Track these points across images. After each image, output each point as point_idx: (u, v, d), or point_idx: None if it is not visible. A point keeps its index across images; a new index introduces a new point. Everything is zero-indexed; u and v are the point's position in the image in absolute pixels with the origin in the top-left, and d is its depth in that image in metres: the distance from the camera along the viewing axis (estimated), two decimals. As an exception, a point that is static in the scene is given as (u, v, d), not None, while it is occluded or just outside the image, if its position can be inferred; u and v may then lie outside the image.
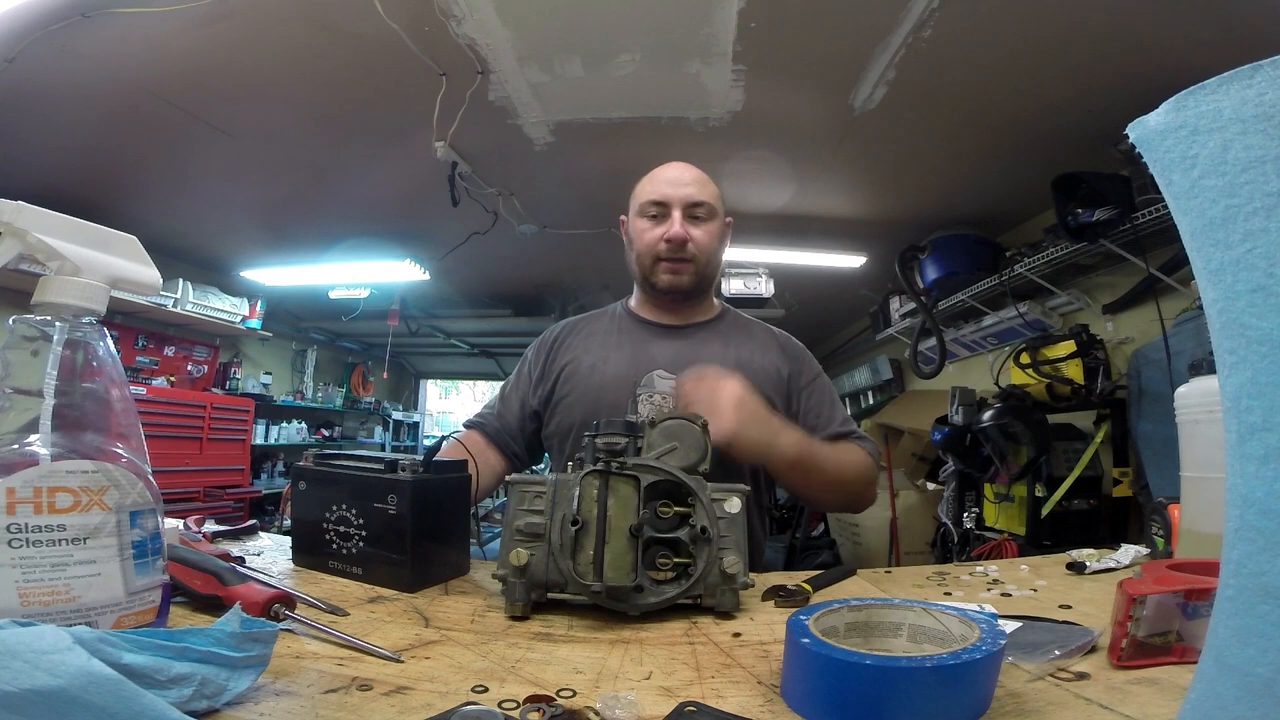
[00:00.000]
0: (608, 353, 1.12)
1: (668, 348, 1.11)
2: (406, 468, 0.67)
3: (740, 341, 1.15)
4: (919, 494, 3.39)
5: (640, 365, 1.08)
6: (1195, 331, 1.93)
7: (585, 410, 1.06)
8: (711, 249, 1.11)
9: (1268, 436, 0.25)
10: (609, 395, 1.05)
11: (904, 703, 0.36)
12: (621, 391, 1.04)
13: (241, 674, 0.38)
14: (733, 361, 1.09)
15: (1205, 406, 0.75)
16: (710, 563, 0.59)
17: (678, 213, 1.07)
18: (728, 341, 1.14)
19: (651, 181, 1.12)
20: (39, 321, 0.42)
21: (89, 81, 2.04)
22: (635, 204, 1.13)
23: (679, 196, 1.08)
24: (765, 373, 1.10)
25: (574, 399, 1.09)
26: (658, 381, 1.06)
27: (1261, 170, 0.25)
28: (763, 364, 1.11)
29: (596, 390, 1.07)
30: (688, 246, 1.08)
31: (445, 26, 1.79)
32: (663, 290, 1.11)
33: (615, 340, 1.14)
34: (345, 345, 6.12)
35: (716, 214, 1.11)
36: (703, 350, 1.11)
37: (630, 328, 1.17)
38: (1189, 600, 0.45)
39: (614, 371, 1.08)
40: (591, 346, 1.14)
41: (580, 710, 0.39)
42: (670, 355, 1.09)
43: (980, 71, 1.93)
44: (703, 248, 1.09)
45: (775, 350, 1.15)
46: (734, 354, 1.11)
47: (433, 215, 2.96)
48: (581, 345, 1.15)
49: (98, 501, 0.41)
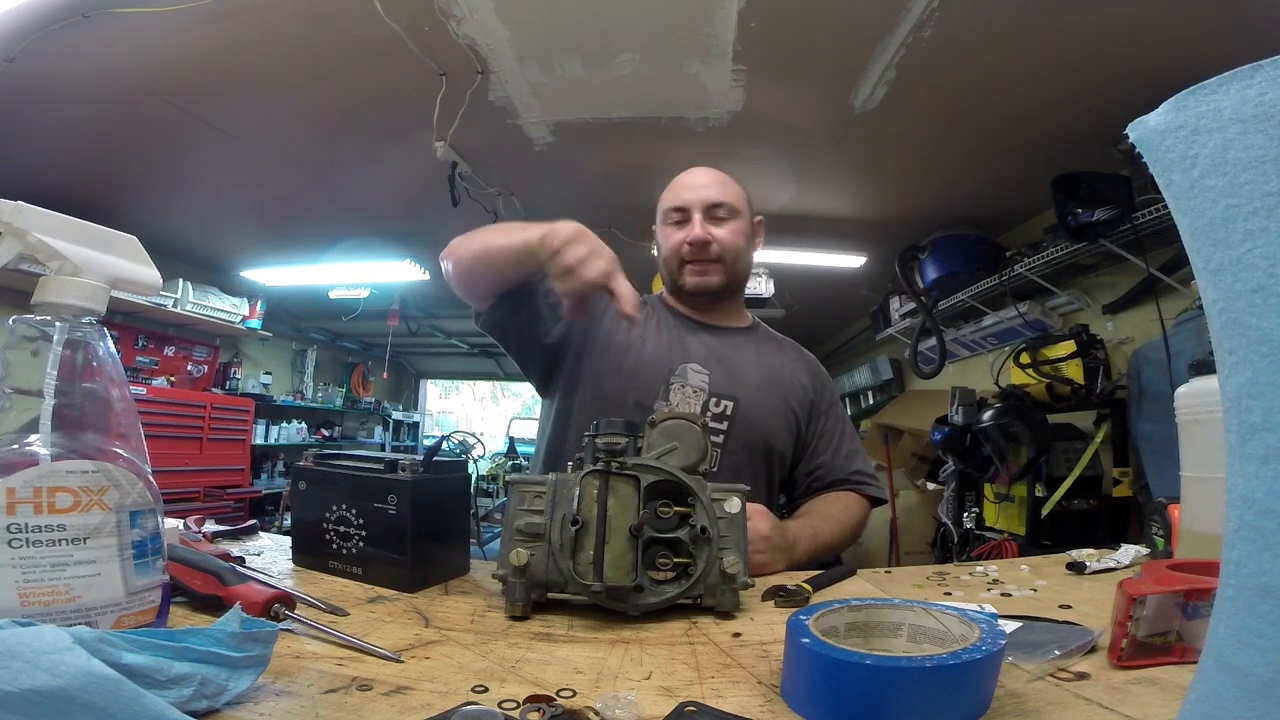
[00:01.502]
0: (646, 333, 1.11)
1: (702, 343, 1.11)
2: (406, 468, 0.67)
3: (772, 353, 1.16)
4: (919, 494, 3.40)
5: (676, 354, 1.08)
6: (1195, 331, 1.93)
7: (616, 385, 1.05)
8: (738, 247, 1.11)
9: (1268, 436, 0.25)
10: (642, 376, 1.05)
11: (904, 703, 0.36)
12: (655, 376, 1.05)
13: (241, 674, 0.38)
14: (765, 369, 1.11)
15: (1205, 406, 0.75)
16: (710, 563, 0.59)
17: (698, 215, 1.09)
18: (760, 349, 1.15)
19: (672, 189, 1.14)
20: (39, 321, 0.42)
21: (89, 81, 2.04)
22: (660, 212, 1.15)
23: (698, 199, 1.10)
24: (794, 387, 1.12)
25: (607, 370, 1.07)
26: (691, 375, 1.06)
27: (1261, 170, 0.25)
28: (792, 379, 1.13)
29: (631, 367, 1.06)
30: (711, 247, 1.09)
31: (445, 26, 1.79)
32: (690, 292, 1.13)
33: (655, 324, 1.14)
34: (345, 345, 6.13)
35: (740, 213, 1.12)
36: (736, 352, 1.11)
37: (666, 316, 1.17)
38: (1189, 600, 0.45)
39: (650, 354, 1.08)
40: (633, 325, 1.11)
41: (580, 710, 0.39)
42: (705, 350, 1.09)
43: (980, 71, 1.93)
44: (727, 246, 1.10)
45: (803, 369, 1.17)
46: (766, 362, 1.13)
47: (433, 215, 2.95)
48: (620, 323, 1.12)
49: (98, 501, 0.41)
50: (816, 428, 1.13)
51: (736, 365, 1.10)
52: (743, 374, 1.09)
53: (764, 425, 1.06)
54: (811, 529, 0.95)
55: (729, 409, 1.04)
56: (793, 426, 1.10)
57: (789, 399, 1.11)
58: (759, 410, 1.06)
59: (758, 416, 1.05)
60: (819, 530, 0.96)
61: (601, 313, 1.13)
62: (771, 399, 1.09)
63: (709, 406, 1.04)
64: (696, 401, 1.04)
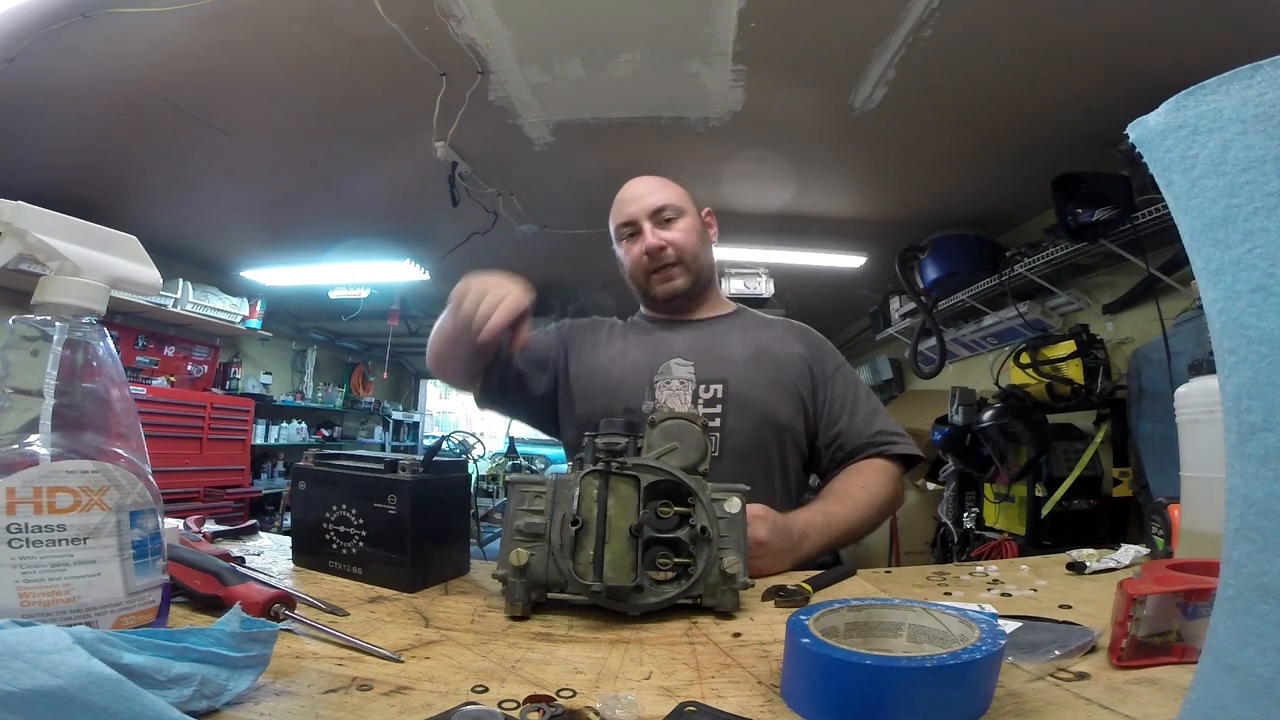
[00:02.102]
0: (626, 346, 1.13)
1: (685, 337, 1.12)
2: (406, 468, 0.67)
3: (759, 331, 1.15)
4: (919, 494, 3.39)
5: (659, 354, 1.08)
6: (1195, 331, 1.93)
7: (604, 400, 1.06)
8: (692, 245, 1.12)
9: (1268, 436, 0.25)
10: (627, 384, 1.06)
11: (904, 703, 0.36)
12: (640, 379, 1.05)
13: (241, 674, 0.38)
14: (751, 347, 1.09)
15: (1205, 406, 0.75)
16: (710, 563, 0.59)
17: (647, 224, 1.11)
18: (746, 330, 1.14)
19: (617, 206, 1.16)
20: (39, 321, 0.42)
21: (89, 81, 2.04)
22: (613, 233, 1.18)
23: (642, 209, 1.11)
24: (788, 360, 1.09)
25: (594, 390, 1.09)
26: (675, 369, 1.06)
27: (1261, 170, 0.25)
28: (785, 351, 1.11)
29: (616, 379, 1.08)
30: (667, 251, 1.10)
31: (445, 26, 1.79)
32: (663, 299, 1.14)
33: (633, 339, 1.15)
34: (345, 345, 6.12)
35: (685, 211, 1.13)
36: (721, 338, 1.11)
37: (645, 326, 1.19)
38: (1189, 600, 0.45)
39: (633, 360, 1.09)
40: (613, 341, 1.16)
41: (580, 710, 0.39)
42: (688, 343, 1.09)
43: (980, 71, 1.93)
44: (681, 246, 1.11)
45: (795, 338, 1.15)
46: (753, 339, 1.11)
47: (433, 215, 2.96)
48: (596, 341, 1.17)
49: (98, 501, 0.41)
50: (825, 394, 1.10)
51: (722, 349, 1.09)
52: (729, 356, 1.08)
53: (761, 401, 1.03)
54: (825, 516, 0.91)
55: (719, 392, 1.03)
56: (795, 397, 1.07)
57: (784, 369, 1.08)
58: (753, 387, 1.03)
59: (752, 393, 1.03)
60: (834, 515, 0.93)
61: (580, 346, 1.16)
62: (764, 373, 1.06)
63: (699, 394, 1.03)
64: (685, 392, 1.03)
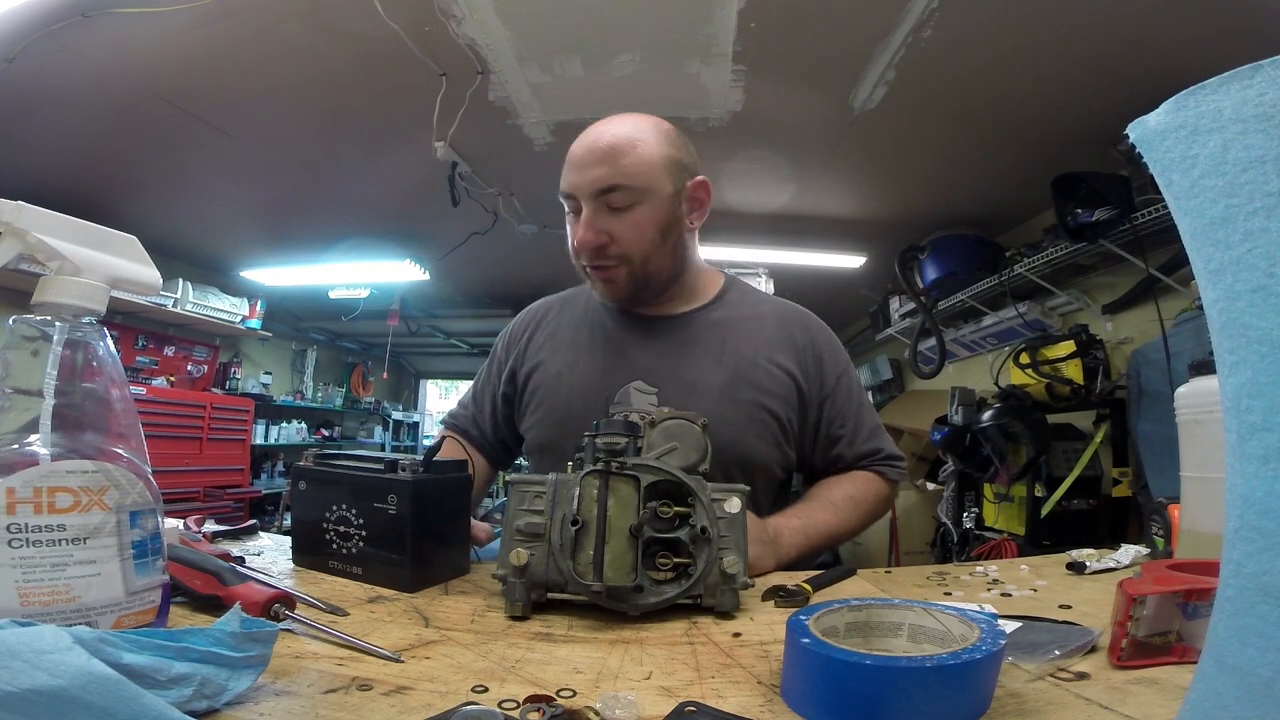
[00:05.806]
0: (577, 355, 0.95)
1: (648, 351, 0.92)
2: (406, 468, 0.67)
3: (744, 333, 0.94)
4: (919, 494, 3.39)
5: (615, 375, 0.91)
6: (1195, 331, 1.93)
7: (551, 429, 0.92)
8: (644, 244, 0.86)
9: (1268, 436, 0.25)
10: (577, 410, 0.89)
11: (904, 703, 0.36)
12: (592, 409, 0.87)
13: (241, 674, 0.38)
14: (728, 374, 0.90)
15: (1205, 406, 0.75)
16: (710, 563, 0.59)
17: (588, 206, 0.84)
18: (727, 336, 0.93)
19: (566, 162, 0.87)
20: (39, 321, 0.42)
21: (89, 81, 2.04)
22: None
23: (584, 183, 0.83)
24: (772, 384, 0.91)
25: (542, 414, 0.94)
26: (635, 397, 0.89)
27: (1261, 170, 0.25)
28: (769, 371, 0.91)
29: (564, 404, 0.92)
30: (608, 249, 0.85)
31: (445, 26, 1.79)
32: (601, 299, 0.94)
33: (587, 337, 0.96)
34: (345, 345, 6.13)
35: (648, 194, 0.84)
36: (692, 350, 0.91)
37: (603, 320, 0.97)
38: (1189, 600, 0.45)
39: (583, 382, 0.92)
40: (560, 345, 0.98)
41: (580, 710, 0.39)
42: (653, 358, 0.91)
43: (980, 71, 1.94)
44: (628, 245, 0.85)
45: (786, 349, 0.94)
46: (733, 354, 0.91)
47: (433, 215, 2.96)
48: (549, 344, 0.99)
49: (98, 501, 0.41)
50: (820, 414, 0.94)
51: (692, 372, 0.90)
52: (699, 384, 0.88)
53: (734, 445, 0.85)
54: (802, 520, 0.84)
55: None
56: (773, 433, 0.90)
57: (765, 398, 0.90)
58: (724, 427, 0.81)
59: (724, 434, 0.80)
60: (813, 520, 0.85)
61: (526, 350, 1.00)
62: (740, 410, 0.88)
63: None
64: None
